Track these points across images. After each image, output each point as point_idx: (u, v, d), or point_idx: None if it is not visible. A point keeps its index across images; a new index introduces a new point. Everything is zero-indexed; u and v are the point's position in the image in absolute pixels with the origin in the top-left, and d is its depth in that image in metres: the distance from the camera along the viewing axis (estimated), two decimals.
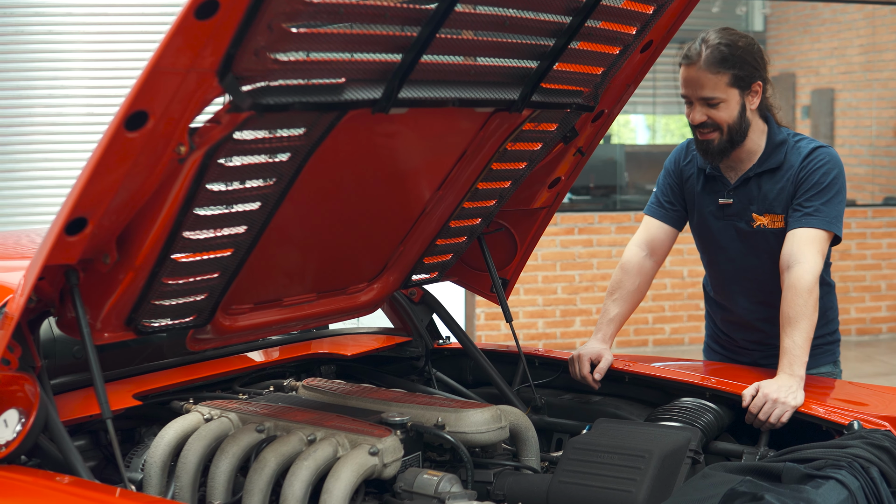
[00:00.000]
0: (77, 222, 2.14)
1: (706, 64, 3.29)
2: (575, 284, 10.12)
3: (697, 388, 3.24)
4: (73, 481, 2.31)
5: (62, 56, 9.55)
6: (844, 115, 12.92)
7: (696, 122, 3.36)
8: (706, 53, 3.30)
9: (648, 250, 3.64)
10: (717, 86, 3.31)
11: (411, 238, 3.06)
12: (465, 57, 2.50)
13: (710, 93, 3.32)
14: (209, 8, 1.89)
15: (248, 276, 2.62)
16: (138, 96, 1.97)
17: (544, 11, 2.49)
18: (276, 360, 3.46)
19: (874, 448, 2.68)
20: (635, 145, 14.89)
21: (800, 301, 3.21)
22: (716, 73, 3.30)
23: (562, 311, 10.13)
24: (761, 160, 3.45)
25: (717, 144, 3.38)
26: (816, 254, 3.28)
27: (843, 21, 12.76)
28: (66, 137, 9.60)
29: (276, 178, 2.38)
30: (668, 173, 3.67)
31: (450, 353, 3.75)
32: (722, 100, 3.33)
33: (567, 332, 10.12)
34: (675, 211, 3.64)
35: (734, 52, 3.32)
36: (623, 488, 2.59)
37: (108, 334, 2.47)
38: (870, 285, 10.74)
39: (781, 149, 3.44)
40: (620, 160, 11.82)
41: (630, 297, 3.60)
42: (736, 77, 3.32)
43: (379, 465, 2.53)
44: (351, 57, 2.22)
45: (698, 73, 3.31)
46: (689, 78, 3.34)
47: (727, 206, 3.50)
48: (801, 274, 3.24)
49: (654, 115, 15.41)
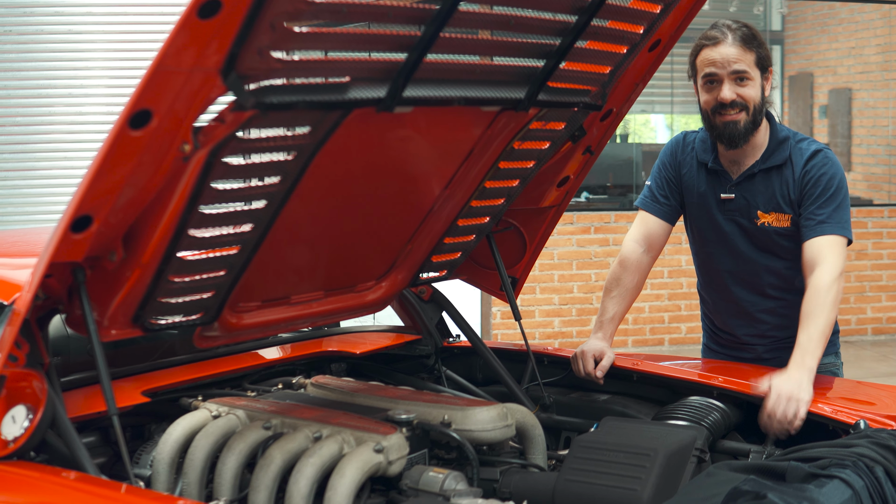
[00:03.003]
0: (82, 220, 2.16)
1: (736, 40, 3.37)
2: (591, 283, 10.12)
3: (705, 387, 3.24)
4: (79, 477, 2.32)
5: (82, 56, 9.60)
6: (862, 115, 12.87)
7: (728, 99, 3.38)
8: (733, 33, 3.37)
9: (646, 246, 3.65)
10: (748, 62, 3.38)
11: (419, 236, 3.07)
12: (470, 56, 2.50)
13: (743, 66, 3.37)
14: (212, 7, 1.90)
15: (256, 273, 2.63)
16: (142, 95, 1.99)
17: (549, 10, 2.49)
18: (286, 358, 3.48)
19: (880, 447, 2.67)
20: (652, 144, 14.85)
21: (818, 299, 3.24)
22: (746, 49, 3.37)
23: (578, 309, 10.12)
24: (765, 156, 3.47)
25: (742, 125, 3.42)
26: (837, 256, 3.35)
27: (861, 21, 12.71)
28: (86, 136, 9.64)
29: (281, 176, 2.39)
30: (664, 166, 3.68)
31: (460, 352, 3.76)
32: (751, 77, 3.39)
33: (583, 331, 10.11)
34: (670, 206, 3.65)
35: (754, 33, 3.42)
36: (628, 486, 2.59)
37: (116, 331, 2.48)
38: (886, 285, 10.70)
39: (785, 146, 3.46)
40: (637, 159, 11.81)
41: (628, 294, 3.62)
42: (760, 57, 3.40)
43: (384, 463, 2.54)
44: (355, 56, 2.23)
45: (729, 48, 3.36)
46: (718, 55, 3.38)
47: (729, 202, 3.51)
48: (820, 274, 3.28)
49: (672, 115, 15.38)
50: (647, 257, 3.65)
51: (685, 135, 3.68)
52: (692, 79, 3.50)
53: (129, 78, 9.62)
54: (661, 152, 3.72)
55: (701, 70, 3.42)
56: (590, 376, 3.41)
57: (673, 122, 15.75)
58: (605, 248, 10.14)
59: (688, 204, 3.64)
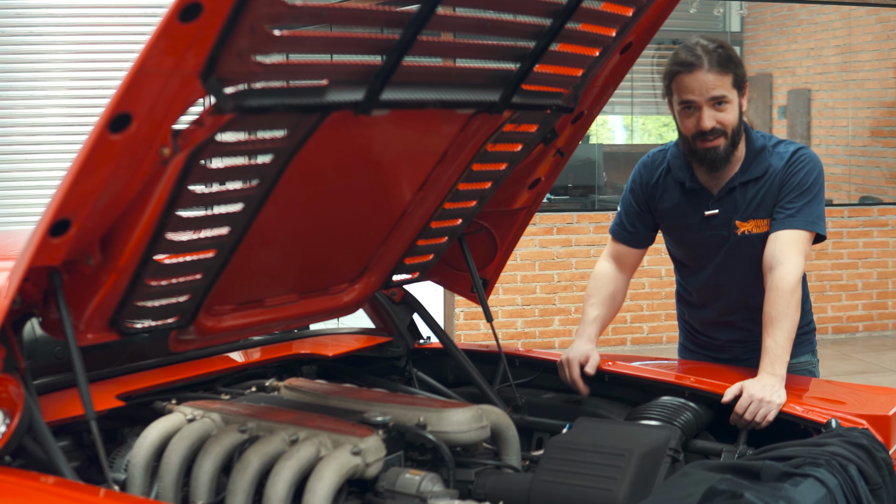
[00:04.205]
0: (61, 224, 2.14)
1: (713, 65, 3.29)
2: (554, 284, 10.16)
3: (677, 388, 3.27)
4: (57, 482, 2.31)
5: (43, 57, 9.54)
6: (821, 116, 13.00)
7: (707, 127, 3.33)
8: (709, 56, 3.30)
9: (618, 265, 3.67)
10: (726, 85, 3.32)
11: (392, 238, 3.08)
12: (447, 59, 2.51)
13: (721, 91, 3.31)
14: (193, 10, 1.89)
15: (231, 277, 2.62)
16: (122, 98, 1.98)
17: (525, 13, 2.50)
18: (258, 361, 3.47)
19: (852, 446, 2.70)
20: (613, 145, 14.94)
21: (782, 302, 3.23)
22: (723, 73, 3.31)
23: (541, 310, 10.16)
24: (744, 168, 3.46)
25: (723, 150, 3.38)
26: (799, 255, 3.32)
27: (820, 22, 12.84)
28: (46, 139, 9.59)
29: (258, 179, 2.39)
30: (633, 196, 3.67)
31: (430, 353, 3.77)
32: (729, 100, 3.34)
33: (546, 331, 10.16)
34: (640, 234, 3.68)
35: (730, 53, 3.35)
36: (604, 486, 2.61)
37: (92, 335, 2.47)
38: (846, 284, 10.82)
39: (762, 156, 3.46)
40: (599, 160, 11.87)
41: (607, 302, 3.62)
42: (736, 77, 3.35)
43: (361, 465, 2.54)
44: (333, 59, 2.23)
45: (706, 75, 3.29)
46: (696, 83, 3.31)
47: (713, 217, 3.51)
48: (783, 275, 3.27)
49: (632, 116, 15.46)
50: (621, 274, 3.69)
51: (651, 157, 3.65)
52: (667, 99, 3.46)
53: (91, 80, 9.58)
54: (630, 180, 3.70)
55: (678, 96, 3.37)
56: (575, 384, 3.41)
57: (632, 123, 15.84)
58: (567, 249, 10.18)
59: (667, 227, 3.64)
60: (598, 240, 10.18)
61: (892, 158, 12.04)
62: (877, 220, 10.95)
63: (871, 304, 10.95)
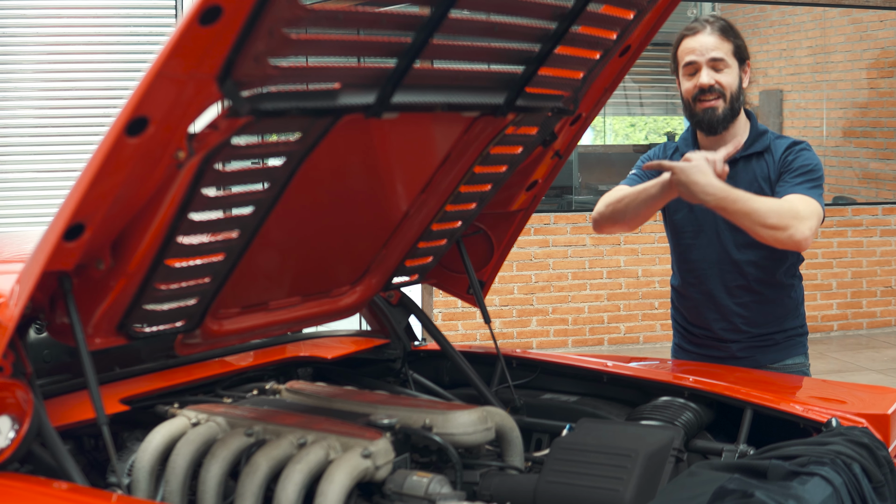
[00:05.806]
0: (76, 228, 2.13)
1: (715, 30, 3.55)
2: (531, 284, 10.18)
3: (676, 388, 3.28)
4: (69, 487, 2.30)
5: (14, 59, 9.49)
6: (793, 116, 13.08)
7: (706, 84, 3.53)
8: (711, 25, 3.56)
9: None
10: (725, 51, 3.55)
11: (394, 241, 3.08)
12: (456, 62, 2.52)
13: (720, 53, 3.54)
14: (213, 13, 1.89)
15: (237, 280, 2.62)
16: (140, 102, 1.97)
17: (533, 17, 2.51)
18: (258, 364, 3.46)
19: (854, 444, 2.72)
20: (588, 146, 14.98)
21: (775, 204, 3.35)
22: (724, 38, 3.55)
23: (518, 311, 10.18)
24: (746, 145, 3.61)
25: (721, 112, 3.56)
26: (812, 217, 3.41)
27: (792, 23, 12.92)
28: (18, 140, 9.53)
29: (269, 182, 2.39)
30: (641, 170, 3.73)
31: (426, 355, 3.77)
32: (728, 64, 3.55)
33: (523, 331, 10.18)
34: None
35: (732, 26, 3.60)
36: (610, 487, 2.61)
37: (100, 340, 2.46)
38: (821, 283, 10.90)
39: (765, 137, 3.63)
40: (574, 161, 11.90)
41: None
42: (737, 48, 3.57)
43: (372, 468, 2.54)
44: (346, 62, 2.23)
45: (708, 37, 3.55)
46: (697, 43, 3.56)
47: None
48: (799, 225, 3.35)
49: (603, 117, 15.50)
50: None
51: (664, 144, 3.82)
52: (674, 73, 3.66)
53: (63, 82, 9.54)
54: (640, 159, 3.80)
55: (682, 59, 3.59)
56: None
57: (605, 125, 15.88)
58: (544, 250, 10.20)
59: (672, 205, 3.68)
60: (574, 240, 10.21)
61: (865, 159, 12.14)
62: (851, 220, 11.04)
63: (845, 304, 11.04)
